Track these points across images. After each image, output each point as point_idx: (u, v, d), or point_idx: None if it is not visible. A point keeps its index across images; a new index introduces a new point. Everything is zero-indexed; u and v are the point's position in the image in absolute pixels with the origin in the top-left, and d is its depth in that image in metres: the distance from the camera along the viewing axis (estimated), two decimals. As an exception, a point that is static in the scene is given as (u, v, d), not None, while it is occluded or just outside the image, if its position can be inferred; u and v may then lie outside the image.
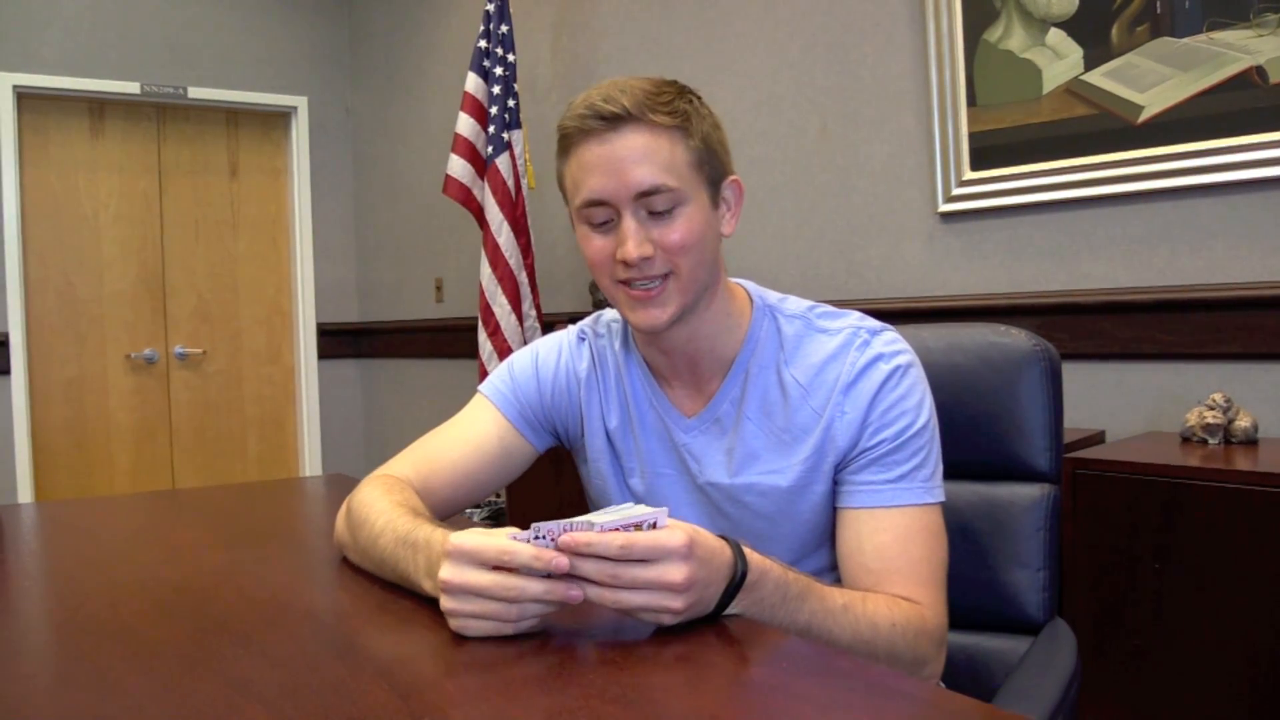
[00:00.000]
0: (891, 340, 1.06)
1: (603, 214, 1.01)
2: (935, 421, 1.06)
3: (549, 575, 0.79)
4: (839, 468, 1.05)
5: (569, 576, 0.79)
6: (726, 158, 1.06)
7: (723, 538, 0.85)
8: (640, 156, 0.97)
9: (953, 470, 1.16)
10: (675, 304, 1.01)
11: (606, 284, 1.05)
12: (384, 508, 1.02)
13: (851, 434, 1.03)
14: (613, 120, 0.97)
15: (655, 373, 1.13)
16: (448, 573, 0.81)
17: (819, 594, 0.91)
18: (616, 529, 0.78)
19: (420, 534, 0.93)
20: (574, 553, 0.78)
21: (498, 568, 0.80)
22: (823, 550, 1.10)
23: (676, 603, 0.78)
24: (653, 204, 0.99)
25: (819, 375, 1.05)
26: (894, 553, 1.00)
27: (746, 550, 0.86)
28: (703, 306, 1.06)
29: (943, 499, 1.04)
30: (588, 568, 0.78)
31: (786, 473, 1.06)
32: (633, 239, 0.98)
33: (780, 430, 1.06)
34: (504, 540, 0.80)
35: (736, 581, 0.83)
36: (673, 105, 0.99)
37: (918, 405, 1.04)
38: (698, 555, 0.79)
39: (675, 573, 0.78)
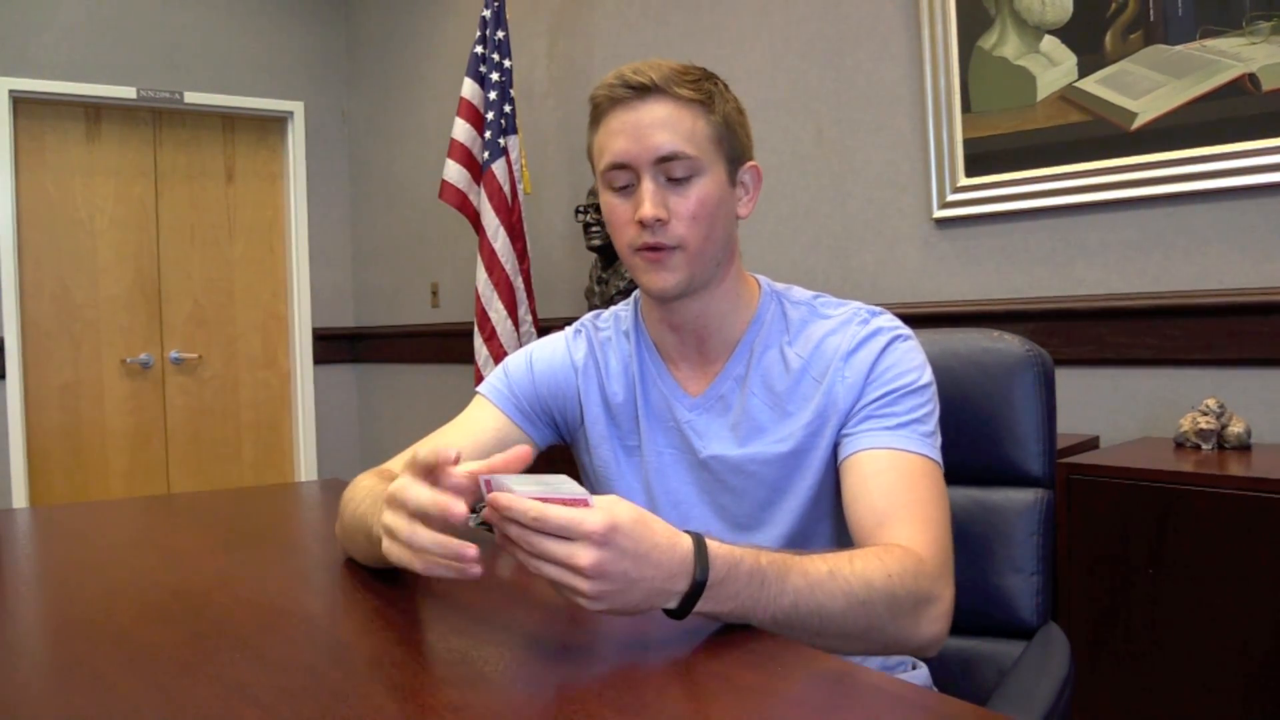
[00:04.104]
0: (891, 318, 1.12)
1: (624, 177, 1.07)
2: (935, 393, 1.09)
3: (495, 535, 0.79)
4: (841, 428, 1.07)
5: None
6: (748, 142, 1.13)
7: (690, 534, 0.81)
8: (662, 124, 1.04)
9: (947, 475, 1.17)
10: (684, 272, 1.07)
11: (626, 252, 1.10)
12: (369, 484, 1.06)
13: (853, 395, 1.06)
14: (640, 90, 1.04)
15: (663, 354, 1.17)
16: (384, 518, 0.83)
17: (800, 569, 0.86)
18: (537, 499, 0.76)
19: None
20: (499, 513, 0.77)
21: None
22: (826, 523, 1.11)
23: (584, 585, 0.75)
24: (671, 170, 1.05)
25: (819, 347, 1.10)
26: (900, 489, 1.00)
27: (714, 545, 0.82)
28: (715, 283, 1.11)
29: (941, 463, 1.05)
30: (511, 530, 0.77)
31: (789, 440, 1.08)
32: (649, 200, 1.04)
33: (783, 401, 1.10)
34: (423, 488, 0.81)
35: (698, 581, 0.80)
36: (698, 84, 1.06)
37: (919, 367, 1.08)
38: (618, 544, 0.75)
39: (582, 555, 0.75)
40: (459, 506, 0.78)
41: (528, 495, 0.76)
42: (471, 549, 0.77)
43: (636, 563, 0.76)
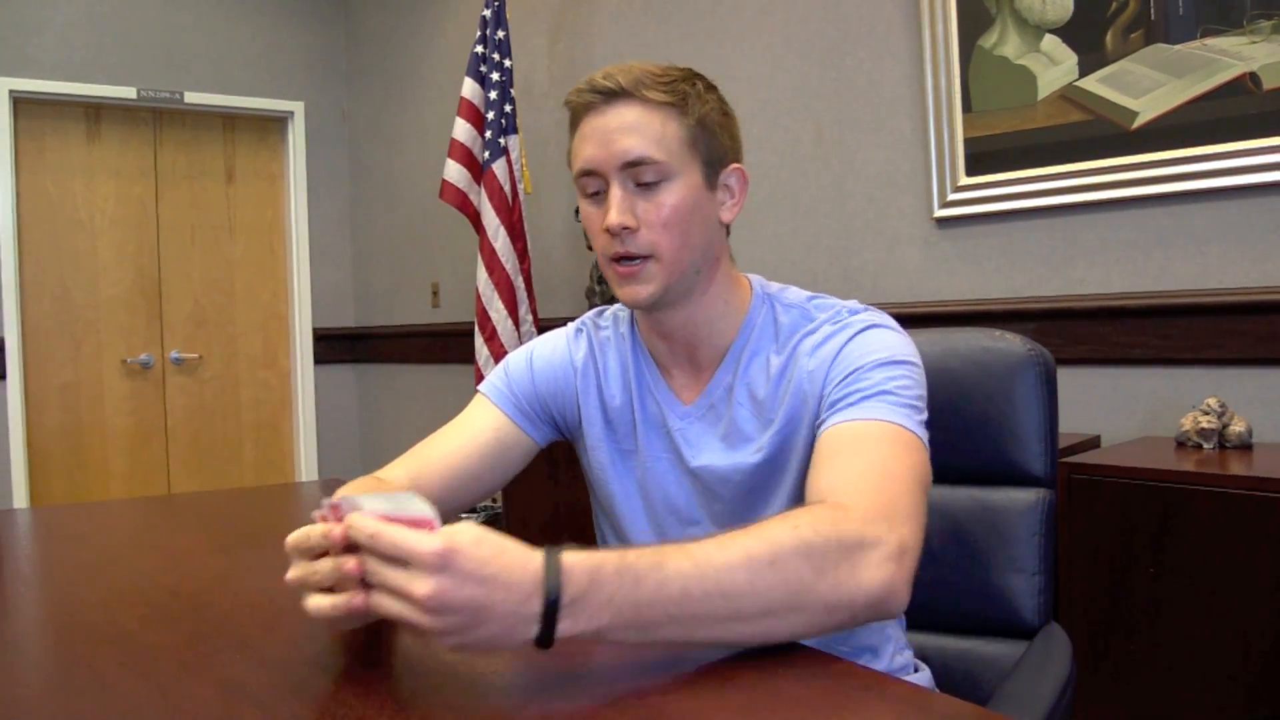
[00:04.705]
0: (876, 314, 1.08)
1: (594, 184, 1.06)
2: (919, 374, 1.02)
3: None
4: (815, 421, 1.02)
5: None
6: (731, 144, 1.10)
7: (546, 548, 0.72)
8: (630, 128, 1.02)
9: (948, 475, 1.17)
10: (657, 282, 1.04)
11: (602, 261, 1.08)
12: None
13: (819, 383, 1.02)
14: (608, 95, 1.03)
15: (657, 361, 1.16)
16: (289, 572, 0.78)
17: (681, 551, 0.76)
18: (384, 518, 0.69)
19: None
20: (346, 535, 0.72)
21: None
22: None
23: (425, 620, 0.67)
24: (639, 175, 1.03)
25: (796, 349, 1.07)
26: (851, 457, 0.91)
27: (571, 556, 0.72)
28: (698, 291, 1.09)
29: (923, 436, 0.97)
30: (349, 559, 0.71)
31: (768, 447, 1.07)
32: (616, 207, 1.03)
33: (765, 409, 1.08)
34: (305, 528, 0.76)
35: (550, 599, 0.70)
36: (672, 86, 1.04)
37: (893, 346, 1.02)
38: (458, 568, 0.67)
39: (419, 585, 0.66)
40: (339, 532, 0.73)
41: (374, 514, 0.70)
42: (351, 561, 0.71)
43: (484, 587, 0.68)
